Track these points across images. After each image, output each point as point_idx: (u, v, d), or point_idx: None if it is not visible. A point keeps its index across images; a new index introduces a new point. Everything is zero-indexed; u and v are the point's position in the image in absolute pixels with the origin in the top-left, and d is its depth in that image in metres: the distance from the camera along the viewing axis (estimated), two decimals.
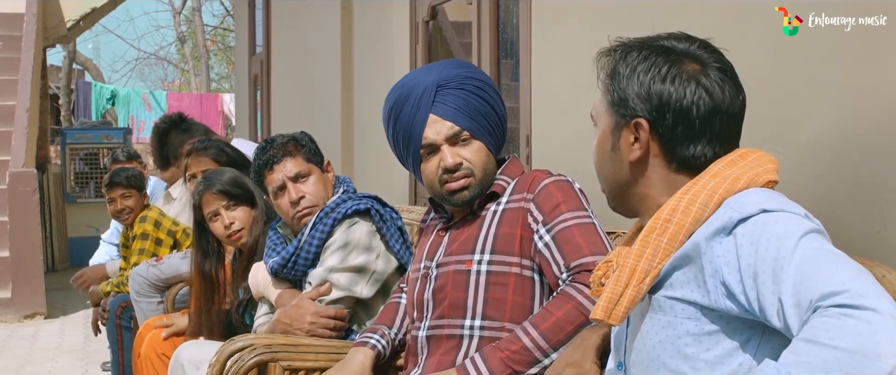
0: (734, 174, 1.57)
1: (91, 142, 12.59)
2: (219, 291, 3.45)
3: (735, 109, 1.62)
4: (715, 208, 1.55)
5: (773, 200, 1.51)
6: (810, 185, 2.15)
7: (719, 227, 1.51)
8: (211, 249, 3.43)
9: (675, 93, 1.60)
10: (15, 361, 6.56)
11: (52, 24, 11.78)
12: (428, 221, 2.60)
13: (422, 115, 2.34)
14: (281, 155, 2.97)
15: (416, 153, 2.37)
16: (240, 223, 3.32)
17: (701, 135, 1.61)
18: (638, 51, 1.66)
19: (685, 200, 1.57)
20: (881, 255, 1.81)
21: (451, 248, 2.38)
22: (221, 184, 3.32)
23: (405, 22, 4.84)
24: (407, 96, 2.37)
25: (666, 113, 1.61)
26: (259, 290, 3.09)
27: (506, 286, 2.28)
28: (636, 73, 1.64)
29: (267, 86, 8.21)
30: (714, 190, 1.56)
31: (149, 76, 27.12)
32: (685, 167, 1.63)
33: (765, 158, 1.61)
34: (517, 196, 2.34)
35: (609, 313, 1.62)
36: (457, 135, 2.35)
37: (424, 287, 2.42)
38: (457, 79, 2.37)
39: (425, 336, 2.38)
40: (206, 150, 3.98)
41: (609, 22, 2.97)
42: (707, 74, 1.61)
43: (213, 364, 2.62)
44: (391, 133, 2.43)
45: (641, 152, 1.65)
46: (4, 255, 8.47)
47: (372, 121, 5.49)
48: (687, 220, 1.56)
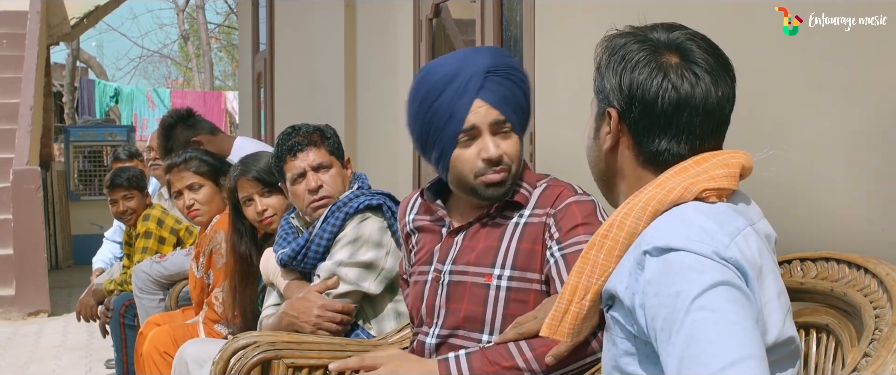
0: (671, 184, 1.53)
1: (95, 140, 12.62)
2: (253, 272, 3.46)
3: (708, 106, 1.56)
4: (648, 220, 1.52)
5: (681, 231, 1.45)
6: (811, 185, 2.16)
7: (635, 262, 1.49)
8: (246, 231, 3.44)
9: (643, 84, 1.56)
10: (19, 359, 6.58)
11: (56, 22, 11.81)
12: (413, 219, 2.51)
13: (467, 99, 2.21)
14: (306, 143, 2.96)
15: (452, 138, 2.23)
16: (272, 210, 3.33)
17: (666, 129, 1.56)
18: (620, 39, 1.64)
19: (621, 213, 1.55)
20: (884, 253, 1.81)
21: (466, 256, 2.30)
22: (257, 171, 3.33)
23: (409, 19, 4.84)
24: (452, 78, 2.23)
25: (633, 103, 1.58)
26: (269, 277, 3.12)
27: (526, 303, 2.23)
28: (612, 63, 1.61)
29: (270, 83, 8.21)
30: (647, 202, 1.53)
31: (152, 74, 27.19)
32: (651, 162, 1.60)
33: (719, 163, 1.56)
34: (540, 211, 2.27)
35: (555, 329, 1.62)
36: (500, 124, 2.24)
37: (435, 292, 2.34)
38: (505, 68, 2.26)
39: (434, 343, 2.32)
40: (187, 164, 3.95)
41: (612, 20, 2.97)
42: (682, 67, 1.56)
43: (216, 362, 2.63)
44: (423, 115, 2.26)
45: (613, 142, 1.62)
46: (8, 253, 8.49)
47: (375, 118, 5.49)
48: (621, 235, 1.54)
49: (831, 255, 1.82)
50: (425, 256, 2.41)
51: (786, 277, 1.87)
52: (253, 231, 3.44)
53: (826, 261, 1.83)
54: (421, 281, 2.41)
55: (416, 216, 2.50)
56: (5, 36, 10.64)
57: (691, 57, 1.58)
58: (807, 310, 1.86)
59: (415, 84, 2.32)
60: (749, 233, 1.52)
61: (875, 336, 1.59)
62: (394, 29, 5.09)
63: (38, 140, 9.72)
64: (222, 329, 3.65)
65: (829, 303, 1.81)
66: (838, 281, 1.77)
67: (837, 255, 1.81)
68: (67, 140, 12.56)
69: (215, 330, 3.68)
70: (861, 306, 1.69)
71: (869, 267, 1.72)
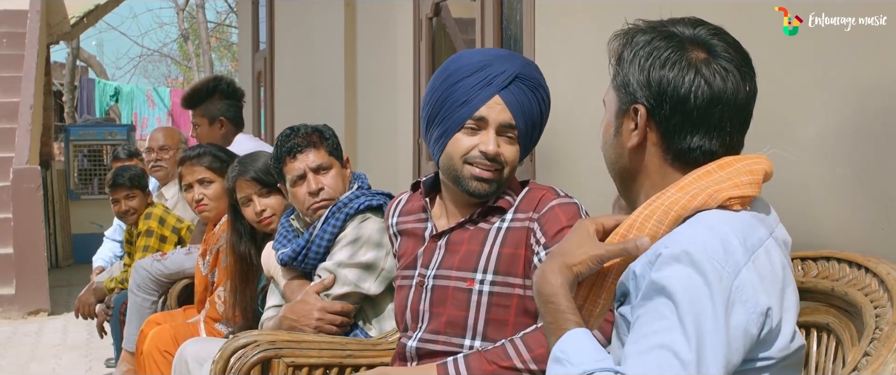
0: (694, 189, 1.52)
1: (95, 139, 12.63)
2: (253, 272, 3.46)
3: (738, 101, 1.55)
4: (671, 225, 1.52)
5: (702, 239, 1.45)
6: (813, 184, 2.16)
7: (647, 262, 1.48)
8: (245, 231, 3.44)
9: (674, 81, 1.55)
10: (19, 358, 6.58)
11: (56, 21, 11.81)
12: (396, 221, 2.52)
13: (489, 92, 2.23)
14: (305, 144, 2.95)
15: (459, 122, 2.25)
16: (271, 210, 3.33)
17: (698, 125, 1.55)
18: (643, 35, 1.61)
19: (643, 215, 1.54)
20: (885, 253, 1.81)
21: (449, 261, 2.32)
22: (255, 171, 3.32)
23: (409, 19, 4.84)
24: (482, 68, 2.24)
25: (664, 100, 1.55)
26: (270, 271, 3.12)
27: (508, 307, 2.25)
28: (638, 58, 1.59)
29: (270, 82, 8.21)
30: (671, 206, 1.52)
31: (152, 73, 27.15)
32: (680, 160, 1.58)
33: (743, 169, 1.55)
34: (523, 215, 2.28)
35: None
36: (509, 127, 2.25)
37: (419, 297, 2.36)
38: (533, 81, 2.28)
39: (415, 346, 2.33)
40: (199, 159, 3.96)
41: (612, 19, 2.97)
42: (711, 63, 1.55)
43: (216, 361, 2.63)
44: (443, 91, 2.27)
45: (639, 139, 1.59)
46: (8, 252, 8.49)
47: (375, 118, 5.50)
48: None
49: (832, 254, 1.82)
50: (409, 260, 2.43)
51: None
52: (252, 231, 3.44)
53: (827, 260, 1.83)
54: (405, 286, 2.43)
55: (399, 219, 2.52)
56: (5, 35, 10.63)
57: (718, 52, 1.57)
58: (807, 310, 1.86)
59: (445, 63, 2.34)
60: (771, 245, 1.51)
61: (875, 335, 1.59)
62: (394, 28, 5.09)
63: (38, 139, 9.72)
64: (223, 328, 3.65)
65: (830, 303, 1.81)
66: (839, 280, 1.78)
67: (838, 254, 1.81)
68: (67, 139, 12.56)
69: (216, 329, 3.68)
70: (861, 305, 1.69)
71: (869, 267, 1.73)
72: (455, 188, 2.31)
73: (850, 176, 2.06)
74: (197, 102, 4.77)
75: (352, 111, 5.89)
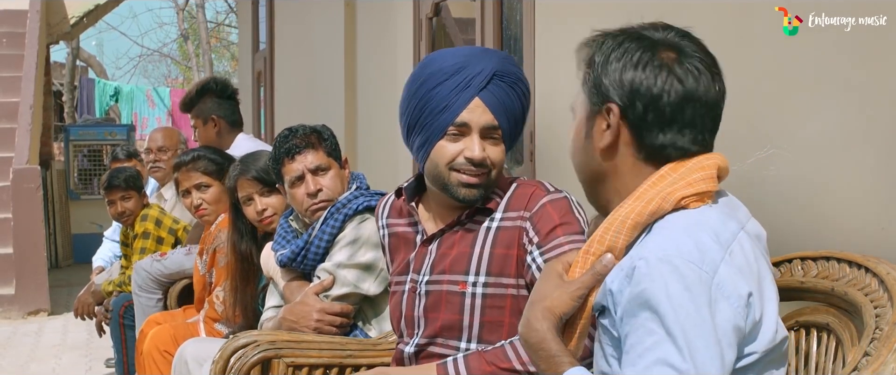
0: (649, 195, 1.56)
1: (95, 139, 12.64)
2: (254, 271, 3.46)
3: (709, 100, 1.59)
4: (629, 233, 1.55)
5: (672, 248, 1.47)
6: (811, 184, 2.16)
7: (625, 275, 1.50)
8: (246, 230, 3.43)
9: (646, 80, 1.58)
10: (19, 358, 6.58)
11: (56, 21, 11.81)
12: (386, 223, 2.52)
13: (468, 95, 2.18)
14: (303, 145, 2.94)
15: (440, 129, 2.20)
16: (272, 209, 3.33)
17: (671, 123, 1.58)
18: (613, 39, 1.65)
19: (601, 230, 1.59)
20: (885, 252, 1.81)
21: (441, 265, 2.30)
22: (257, 170, 3.32)
23: (409, 18, 4.84)
24: (458, 70, 2.19)
25: (636, 100, 1.59)
26: (269, 271, 3.12)
27: (503, 308, 2.23)
28: (610, 61, 1.62)
29: (270, 82, 8.21)
30: (627, 215, 1.56)
31: (152, 73, 27.16)
32: (653, 158, 1.61)
33: (694, 167, 1.57)
34: (513, 213, 2.25)
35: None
36: (492, 129, 2.22)
37: (413, 302, 2.35)
38: (512, 76, 2.24)
39: (413, 352, 2.33)
40: (195, 163, 3.95)
41: (612, 19, 2.96)
42: (683, 62, 1.59)
43: (216, 361, 2.63)
44: (419, 98, 2.23)
45: (611, 139, 1.62)
46: (8, 252, 8.49)
47: (375, 117, 5.50)
48: (602, 250, 1.58)
49: (832, 254, 1.83)
50: (401, 266, 2.42)
51: (786, 276, 1.88)
52: (253, 230, 3.44)
53: (826, 260, 1.83)
54: (398, 292, 2.42)
55: (388, 220, 2.51)
56: (5, 35, 10.63)
57: (688, 52, 1.61)
58: (807, 309, 1.87)
59: (418, 67, 2.30)
60: (743, 238, 1.54)
61: (875, 335, 1.59)
62: (394, 28, 5.09)
63: (37, 139, 9.72)
64: (223, 328, 3.65)
65: (830, 302, 1.81)
66: (839, 280, 1.78)
67: (838, 254, 1.81)
68: (67, 139, 12.56)
69: (216, 329, 3.68)
70: (861, 305, 1.69)
71: (869, 267, 1.73)
72: (442, 192, 2.28)
73: (849, 175, 2.06)
74: (190, 105, 4.79)
75: (352, 111, 5.88)
